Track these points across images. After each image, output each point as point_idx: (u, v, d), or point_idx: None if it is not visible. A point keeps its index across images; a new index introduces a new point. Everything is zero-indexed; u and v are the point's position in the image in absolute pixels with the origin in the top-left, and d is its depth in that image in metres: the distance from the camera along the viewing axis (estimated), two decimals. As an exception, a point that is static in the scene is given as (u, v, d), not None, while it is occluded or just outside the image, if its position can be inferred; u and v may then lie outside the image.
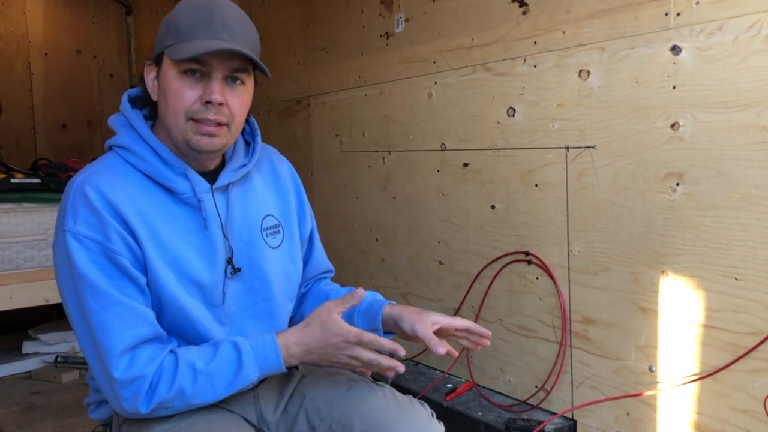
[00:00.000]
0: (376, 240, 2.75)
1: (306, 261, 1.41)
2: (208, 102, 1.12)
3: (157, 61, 1.17)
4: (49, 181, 2.89)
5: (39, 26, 4.65)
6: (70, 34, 4.80)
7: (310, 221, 1.40)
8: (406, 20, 2.50)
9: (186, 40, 1.10)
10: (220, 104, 1.13)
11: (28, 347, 3.20)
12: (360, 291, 1.16)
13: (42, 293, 2.78)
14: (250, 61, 1.14)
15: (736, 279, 1.56)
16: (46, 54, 4.68)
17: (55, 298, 2.82)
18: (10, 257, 2.72)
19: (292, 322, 1.36)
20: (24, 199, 2.80)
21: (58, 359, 3.07)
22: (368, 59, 2.71)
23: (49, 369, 3.07)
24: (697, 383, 1.65)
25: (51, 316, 3.64)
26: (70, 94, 4.80)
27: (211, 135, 1.14)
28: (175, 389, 1.10)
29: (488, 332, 1.26)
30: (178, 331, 1.18)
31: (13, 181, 2.81)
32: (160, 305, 1.16)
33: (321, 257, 1.45)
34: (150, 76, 1.19)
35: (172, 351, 1.14)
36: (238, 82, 1.16)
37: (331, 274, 1.49)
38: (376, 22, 2.65)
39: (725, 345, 1.59)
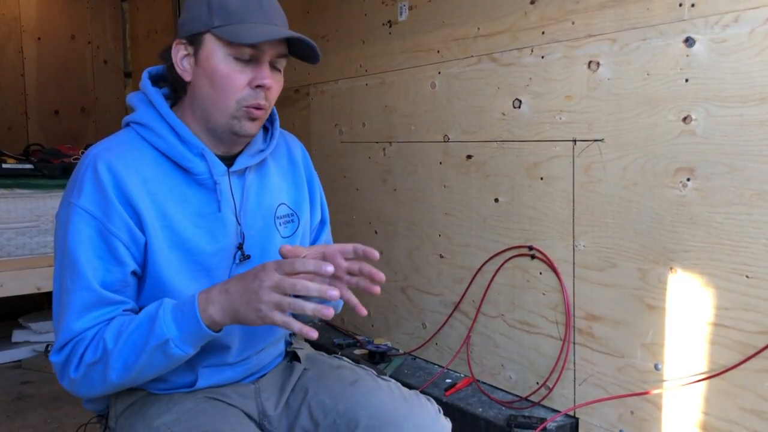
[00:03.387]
0: (376, 233, 2.71)
1: (314, 242, 1.37)
2: (258, 86, 1.10)
3: (193, 41, 1.12)
4: (42, 167, 2.83)
5: (32, 10, 4.57)
6: (65, 19, 4.72)
7: (319, 210, 1.37)
8: (410, 9, 2.45)
9: (240, 22, 1.08)
10: (268, 89, 1.12)
11: (18, 336, 3.15)
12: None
13: (33, 281, 2.73)
14: (306, 46, 1.15)
15: (747, 277, 1.53)
16: (39, 38, 4.61)
17: (46, 286, 2.77)
18: (2, 244, 2.67)
19: None
20: (16, 185, 2.74)
21: (49, 348, 3.02)
22: (370, 48, 2.66)
23: (39, 358, 3.02)
24: (704, 382, 1.62)
25: (42, 305, 3.59)
26: (64, 80, 4.73)
27: (255, 119, 1.13)
28: (99, 350, 1.05)
29: (381, 276, 1.05)
30: None
31: (4, 166, 2.76)
32: (158, 289, 1.12)
33: None
34: (180, 55, 1.14)
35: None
36: (279, 67, 1.16)
37: None
38: (378, 10, 2.60)
39: (734, 344, 1.56)
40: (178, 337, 1.02)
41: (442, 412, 1.24)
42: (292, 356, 1.35)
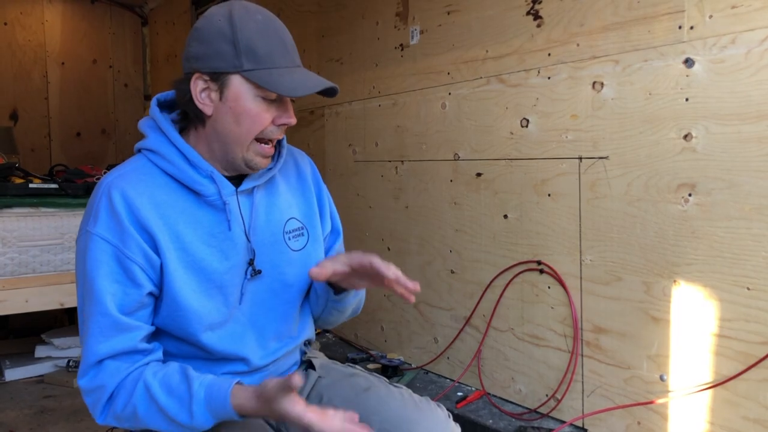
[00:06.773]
0: (388, 249, 2.77)
1: (326, 252, 1.41)
2: (282, 124, 1.18)
3: (217, 78, 1.15)
4: (66, 187, 2.92)
5: (56, 36, 4.73)
6: (87, 44, 4.88)
7: (329, 220, 1.42)
8: (421, 32, 2.53)
9: (270, 66, 1.13)
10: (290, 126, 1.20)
11: (40, 351, 3.22)
12: (296, 379, 1.01)
13: (57, 297, 2.81)
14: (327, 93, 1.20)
15: (748, 289, 1.57)
16: (62, 63, 4.76)
17: (70, 302, 2.84)
18: (27, 261, 2.75)
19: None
20: (41, 203, 2.83)
21: (70, 364, 3.10)
22: (383, 70, 2.75)
23: (61, 373, 3.09)
24: (708, 392, 1.66)
25: (63, 321, 3.68)
26: (85, 103, 4.87)
27: (268, 156, 1.20)
28: (129, 408, 1.11)
29: (413, 287, 1.19)
30: (177, 332, 1.20)
31: (31, 185, 2.85)
32: (174, 308, 1.17)
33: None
34: (200, 88, 1.16)
35: (145, 364, 1.15)
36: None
37: None
38: (391, 34, 2.69)
39: (737, 354, 1.60)
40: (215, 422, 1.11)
41: (451, 417, 1.29)
42: (307, 365, 1.40)
